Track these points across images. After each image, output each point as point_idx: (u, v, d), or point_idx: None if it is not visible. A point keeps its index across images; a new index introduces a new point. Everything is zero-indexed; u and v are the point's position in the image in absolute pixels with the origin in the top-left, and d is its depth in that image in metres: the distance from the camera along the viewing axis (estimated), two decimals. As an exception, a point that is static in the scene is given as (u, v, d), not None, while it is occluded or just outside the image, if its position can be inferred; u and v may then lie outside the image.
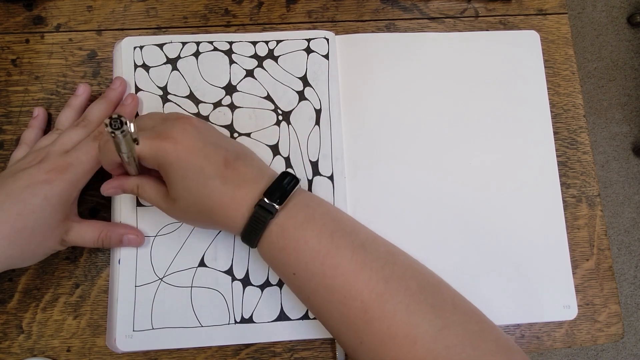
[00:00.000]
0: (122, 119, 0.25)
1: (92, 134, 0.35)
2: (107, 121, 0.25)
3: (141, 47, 0.40)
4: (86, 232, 0.34)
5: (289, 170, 0.38)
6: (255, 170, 0.32)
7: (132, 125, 0.25)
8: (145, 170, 0.34)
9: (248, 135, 0.39)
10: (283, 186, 0.31)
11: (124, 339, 0.35)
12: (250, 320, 0.36)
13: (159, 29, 0.41)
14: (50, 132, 0.37)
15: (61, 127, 0.37)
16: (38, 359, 0.35)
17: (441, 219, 0.38)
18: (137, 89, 0.39)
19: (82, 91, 0.38)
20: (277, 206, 0.30)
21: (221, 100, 0.40)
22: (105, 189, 0.34)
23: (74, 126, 0.36)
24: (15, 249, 0.30)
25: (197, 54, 0.40)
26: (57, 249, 0.34)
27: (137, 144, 0.28)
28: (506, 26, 0.43)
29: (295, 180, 0.32)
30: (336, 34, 0.42)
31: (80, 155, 0.33)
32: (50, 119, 0.39)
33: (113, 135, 0.25)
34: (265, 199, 0.30)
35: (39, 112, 0.38)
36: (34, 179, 0.31)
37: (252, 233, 0.31)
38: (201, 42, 0.40)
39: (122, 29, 0.41)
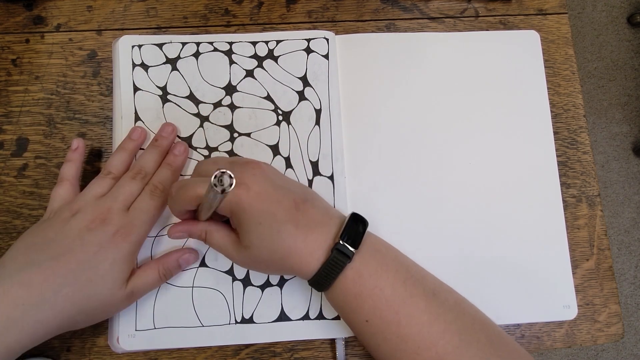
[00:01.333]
0: (231, 174, 0.24)
1: (146, 189, 0.34)
2: (214, 181, 0.24)
3: (140, 46, 0.40)
4: (147, 277, 0.34)
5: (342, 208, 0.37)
6: (322, 212, 0.32)
7: (234, 180, 0.25)
8: (212, 216, 0.33)
9: (248, 135, 0.39)
10: (356, 229, 0.31)
11: (126, 338, 0.35)
12: (250, 320, 0.36)
13: (159, 29, 0.41)
14: (102, 175, 0.35)
15: (114, 172, 0.35)
16: (38, 359, 0.35)
17: (441, 219, 0.38)
18: (136, 88, 0.39)
19: (138, 136, 0.37)
20: (353, 250, 0.30)
21: (221, 100, 0.40)
22: (172, 232, 0.34)
23: (131, 178, 0.34)
24: (81, 315, 0.31)
25: (197, 55, 0.40)
26: (121, 308, 0.33)
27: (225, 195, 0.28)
28: (506, 26, 0.43)
29: (365, 222, 0.32)
30: (336, 34, 0.42)
31: (141, 215, 0.33)
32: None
33: (223, 193, 0.24)
34: (341, 242, 0.30)
35: (79, 144, 0.36)
36: (102, 244, 0.31)
37: (327, 277, 0.30)
38: (201, 42, 0.40)
39: (122, 29, 0.41)
